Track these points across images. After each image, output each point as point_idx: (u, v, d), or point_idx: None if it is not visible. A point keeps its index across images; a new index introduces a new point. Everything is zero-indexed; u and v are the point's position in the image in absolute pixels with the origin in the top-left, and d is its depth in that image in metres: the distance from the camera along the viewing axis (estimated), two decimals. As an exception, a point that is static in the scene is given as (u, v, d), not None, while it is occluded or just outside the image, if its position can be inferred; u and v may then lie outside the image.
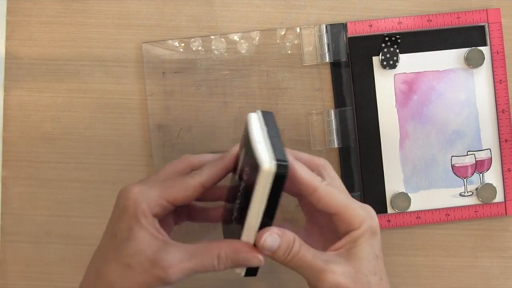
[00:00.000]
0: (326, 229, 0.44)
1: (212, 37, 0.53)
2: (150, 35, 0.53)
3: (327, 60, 0.52)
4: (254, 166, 0.37)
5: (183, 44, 0.53)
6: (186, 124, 0.53)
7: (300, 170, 0.40)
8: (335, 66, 0.53)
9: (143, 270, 0.38)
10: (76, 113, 0.53)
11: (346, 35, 0.52)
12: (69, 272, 0.46)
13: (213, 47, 0.53)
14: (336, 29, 0.52)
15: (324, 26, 0.52)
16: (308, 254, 0.40)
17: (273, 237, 0.39)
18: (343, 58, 0.52)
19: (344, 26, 0.52)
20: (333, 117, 0.52)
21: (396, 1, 0.53)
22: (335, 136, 0.52)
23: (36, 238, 0.53)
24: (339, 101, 0.53)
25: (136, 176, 0.53)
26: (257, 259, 0.39)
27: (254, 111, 0.41)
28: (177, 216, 0.45)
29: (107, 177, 0.53)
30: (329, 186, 0.41)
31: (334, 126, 0.52)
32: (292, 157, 0.41)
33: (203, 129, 0.53)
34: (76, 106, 0.53)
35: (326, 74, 0.53)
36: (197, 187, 0.41)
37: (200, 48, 0.53)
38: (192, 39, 0.53)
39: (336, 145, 0.52)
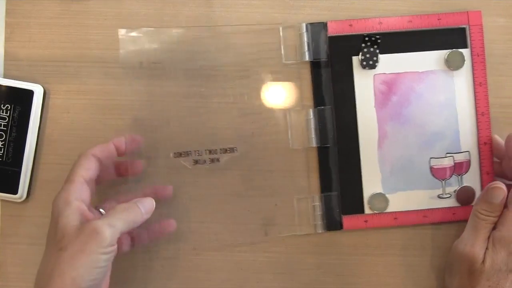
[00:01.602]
0: None
1: (193, 30, 0.53)
2: (148, 35, 0.53)
3: (307, 59, 0.52)
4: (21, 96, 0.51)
5: (162, 35, 0.52)
6: (165, 118, 0.52)
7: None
8: (315, 65, 0.53)
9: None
10: (75, 114, 0.53)
11: (326, 34, 0.52)
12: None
13: (193, 40, 0.53)
14: (316, 28, 0.53)
15: (304, 25, 0.52)
16: None
17: None
18: (323, 58, 0.53)
19: (324, 25, 0.52)
20: (312, 116, 0.52)
21: (392, 1, 0.53)
22: (313, 135, 0.52)
23: (36, 240, 0.52)
24: (318, 100, 0.53)
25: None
26: None
27: None
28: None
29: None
30: None
31: (312, 125, 0.52)
32: None
33: (181, 127, 0.52)
34: (75, 107, 0.53)
35: (306, 74, 0.53)
36: None
37: (180, 39, 0.52)
38: (174, 30, 0.53)
39: (314, 144, 0.52)
